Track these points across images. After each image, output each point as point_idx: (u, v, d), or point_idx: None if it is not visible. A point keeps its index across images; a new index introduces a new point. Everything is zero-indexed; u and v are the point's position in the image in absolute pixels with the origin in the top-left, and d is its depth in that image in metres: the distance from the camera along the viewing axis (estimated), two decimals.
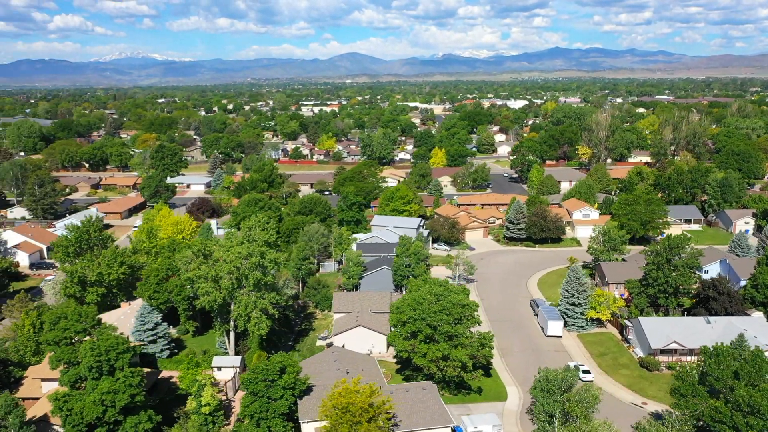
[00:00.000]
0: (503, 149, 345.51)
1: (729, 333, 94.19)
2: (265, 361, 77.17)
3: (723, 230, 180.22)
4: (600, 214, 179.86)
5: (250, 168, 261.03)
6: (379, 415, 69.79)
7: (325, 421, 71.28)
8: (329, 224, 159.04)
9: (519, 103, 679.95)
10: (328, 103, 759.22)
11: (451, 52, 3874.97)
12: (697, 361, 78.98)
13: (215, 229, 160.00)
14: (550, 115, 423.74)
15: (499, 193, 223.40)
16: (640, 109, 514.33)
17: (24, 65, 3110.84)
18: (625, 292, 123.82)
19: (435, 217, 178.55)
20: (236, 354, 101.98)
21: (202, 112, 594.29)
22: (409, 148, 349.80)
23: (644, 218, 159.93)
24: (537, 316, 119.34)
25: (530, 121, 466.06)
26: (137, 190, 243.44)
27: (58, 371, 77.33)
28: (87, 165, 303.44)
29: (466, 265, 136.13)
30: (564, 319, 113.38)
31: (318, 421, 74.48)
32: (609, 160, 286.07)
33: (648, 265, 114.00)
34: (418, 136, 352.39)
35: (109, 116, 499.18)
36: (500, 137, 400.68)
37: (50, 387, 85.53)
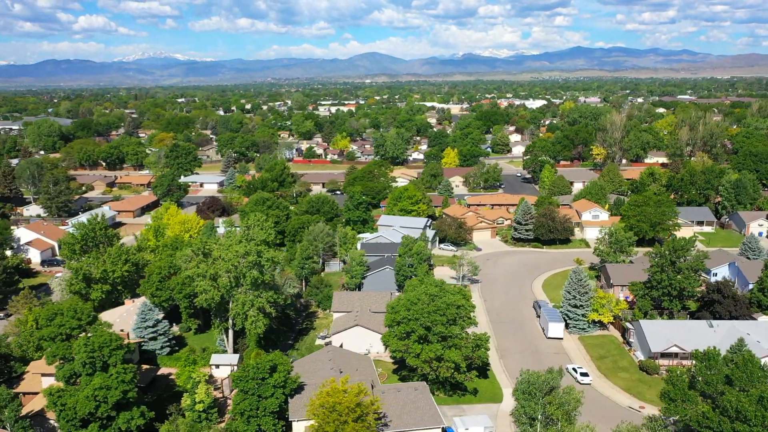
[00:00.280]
0: (518, 149, 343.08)
1: (731, 337, 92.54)
2: (256, 359, 77.60)
3: (736, 232, 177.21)
4: (611, 215, 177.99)
5: (263, 167, 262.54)
6: (366, 415, 69.81)
7: (313, 419, 71.48)
8: (335, 224, 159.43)
9: (537, 103, 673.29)
10: (346, 102, 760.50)
11: (471, 51, 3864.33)
12: (689, 365, 77.78)
13: (222, 228, 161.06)
14: (566, 115, 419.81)
15: (511, 194, 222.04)
16: (660, 109, 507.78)
17: (49, 65, 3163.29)
18: (630, 295, 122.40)
19: (443, 217, 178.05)
20: (235, 352, 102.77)
21: (221, 112, 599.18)
22: (423, 147, 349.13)
23: (654, 220, 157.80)
24: (539, 318, 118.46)
25: (547, 121, 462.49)
26: (151, 189, 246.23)
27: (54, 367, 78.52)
28: (104, 164, 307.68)
29: (470, 265, 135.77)
30: (565, 321, 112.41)
31: (307, 420, 74.72)
32: (624, 161, 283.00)
33: (652, 268, 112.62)
34: (433, 136, 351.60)
35: (129, 115, 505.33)
36: (516, 137, 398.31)
37: (49, 382, 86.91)
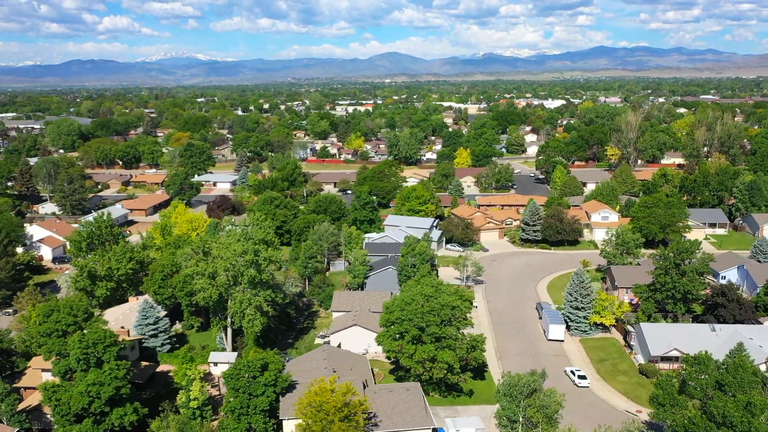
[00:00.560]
0: (533, 150, 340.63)
1: (733, 341, 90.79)
2: (247, 358, 78.11)
3: (749, 235, 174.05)
4: (621, 217, 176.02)
5: (275, 167, 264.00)
6: (354, 415, 69.85)
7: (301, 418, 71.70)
8: (341, 223, 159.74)
9: (556, 103, 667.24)
10: (363, 102, 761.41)
11: (492, 51, 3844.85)
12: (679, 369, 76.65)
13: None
14: (583, 115, 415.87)
15: (523, 194, 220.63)
16: (681, 110, 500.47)
17: (74, 65, 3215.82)
18: (635, 297, 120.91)
19: (450, 217, 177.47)
20: (234, 350, 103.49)
21: (239, 111, 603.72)
22: (438, 147, 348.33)
23: (664, 221, 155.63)
24: (541, 320, 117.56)
25: (564, 121, 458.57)
26: (164, 188, 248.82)
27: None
28: (120, 162, 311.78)
29: (474, 266, 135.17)
30: (567, 323, 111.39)
31: (297, 419, 74.93)
32: (640, 162, 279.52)
33: (656, 270, 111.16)
34: (447, 136, 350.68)
35: (147, 115, 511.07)
36: (532, 137, 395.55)
37: (49, 377, 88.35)
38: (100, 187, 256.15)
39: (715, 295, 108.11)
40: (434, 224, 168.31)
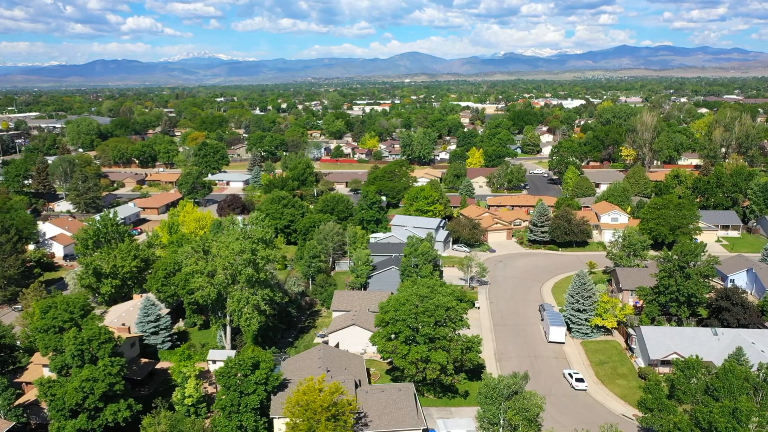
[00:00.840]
0: (548, 150, 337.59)
1: (735, 346, 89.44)
2: (239, 356, 78.64)
3: (763, 237, 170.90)
4: (632, 218, 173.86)
5: (288, 166, 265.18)
6: (342, 414, 69.96)
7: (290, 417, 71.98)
8: (347, 223, 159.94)
9: (575, 103, 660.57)
10: (381, 102, 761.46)
11: (513, 50, 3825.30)
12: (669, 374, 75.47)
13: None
14: (600, 115, 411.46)
15: (534, 195, 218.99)
16: (703, 110, 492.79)
17: (98, 65, 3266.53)
18: (640, 300, 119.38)
19: (458, 217, 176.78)
20: (234, 348, 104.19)
21: (257, 111, 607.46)
22: (452, 147, 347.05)
23: (674, 223, 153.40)
24: (542, 321, 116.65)
25: (581, 121, 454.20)
26: (177, 186, 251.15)
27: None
28: (137, 161, 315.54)
29: (479, 267, 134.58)
30: (568, 325, 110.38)
31: (287, 417, 75.24)
32: (656, 162, 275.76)
33: (660, 272, 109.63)
34: (462, 136, 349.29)
35: (166, 114, 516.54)
36: (548, 137, 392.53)
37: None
38: (115, 185, 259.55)
39: (719, 298, 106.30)
40: (441, 224, 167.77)
